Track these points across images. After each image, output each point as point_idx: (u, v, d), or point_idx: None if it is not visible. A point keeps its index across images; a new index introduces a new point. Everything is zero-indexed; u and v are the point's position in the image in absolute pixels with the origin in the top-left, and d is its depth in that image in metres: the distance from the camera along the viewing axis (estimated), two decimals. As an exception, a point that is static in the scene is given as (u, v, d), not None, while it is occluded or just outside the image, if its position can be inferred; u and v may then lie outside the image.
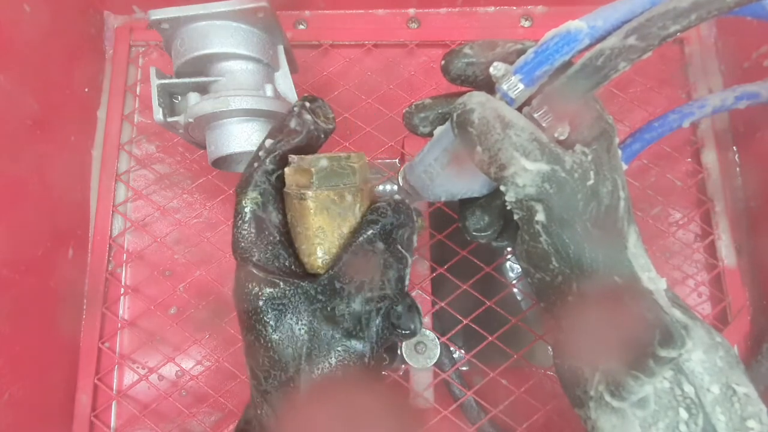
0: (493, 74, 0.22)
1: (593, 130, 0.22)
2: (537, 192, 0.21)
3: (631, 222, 0.22)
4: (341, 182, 0.23)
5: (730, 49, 0.44)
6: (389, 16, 0.47)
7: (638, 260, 0.22)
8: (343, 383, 0.21)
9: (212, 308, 0.40)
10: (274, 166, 0.23)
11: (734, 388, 0.20)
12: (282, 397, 0.21)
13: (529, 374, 0.37)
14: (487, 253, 0.38)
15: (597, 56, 0.19)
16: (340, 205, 0.22)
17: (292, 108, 0.24)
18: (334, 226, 0.23)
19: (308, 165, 0.22)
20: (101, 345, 0.40)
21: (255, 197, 0.22)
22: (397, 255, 0.23)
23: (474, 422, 0.37)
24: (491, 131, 0.21)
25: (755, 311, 0.40)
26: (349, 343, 0.21)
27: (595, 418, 0.21)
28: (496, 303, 0.37)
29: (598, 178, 0.21)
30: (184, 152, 0.44)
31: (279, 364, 0.21)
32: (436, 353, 0.36)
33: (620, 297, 0.21)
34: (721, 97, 0.36)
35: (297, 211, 0.23)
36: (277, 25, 0.36)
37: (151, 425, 0.39)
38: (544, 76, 0.21)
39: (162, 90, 0.35)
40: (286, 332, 0.21)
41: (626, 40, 0.19)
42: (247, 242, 0.22)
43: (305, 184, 0.22)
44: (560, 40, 0.20)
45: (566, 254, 0.22)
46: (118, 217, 0.43)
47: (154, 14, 0.34)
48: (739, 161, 0.43)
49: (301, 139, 0.23)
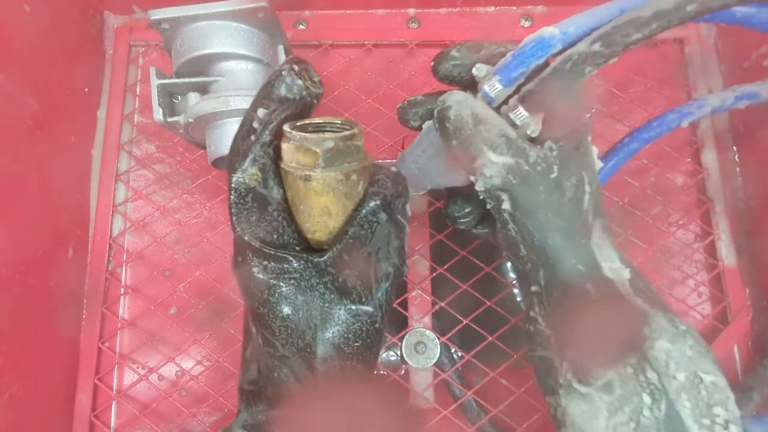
0: (476, 75, 0.24)
1: (564, 128, 0.24)
2: (502, 183, 0.22)
3: (598, 215, 0.24)
4: (346, 161, 0.22)
5: (730, 49, 0.44)
6: (389, 16, 0.47)
7: (602, 251, 0.23)
8: (356, 349, 0.23)
9: (212, 308, 0.40)
10: (271, 138, 0.22)
11: (701, 377, 0.20)
12: (301, 362, 0.22)
13: (529, 374, 0.37)
14: (487, 253, 0.38)
15: (566, 61, 0.21)
16: (345, 185, 0.22)
17: (280, 72, 0.23)
18: (340, 206, 0.22)
19: (313, 145, 0.21)
20: (101, 345, 0.40)
21: (254, 173, 0.22)
22: (399, 224, 0.24)
23: (474, 422, 0.37)
24: (464, 127, 0.22)
25: (755, 311, 0.40)
26: (360, 309, 0.23)
27: (565, 405, 0.22)
28: (495, 303, 0.37)
29: (562, 172, 0.23)
30: (184, 152, 0.44)
31: (296, 333, 0.22)
32: (436, 353, 0.36)
33: (583, 285, 0.22)
34: (720, 97, 0.36)
35: (300, 190, 0.22)
36: (277, 25, 0.36)
37: (151, 425, 0.39)
38: (520, 77, 0.23)
39: (162, 90, 0.35)
40: (300, 304, 0.22)
41: (592, 46, 0.21)
42: (251, 220, 0.22)
43: (310, 165, 0.22)
44: (535, 45, 0.22)
45: (531, 242, 0.23)
46: (118, 217, 0.43)
47: (154, 14, 0.34)
48: (739, 161, 0.43)
49: (294, 108, 0.23)
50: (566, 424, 0.22)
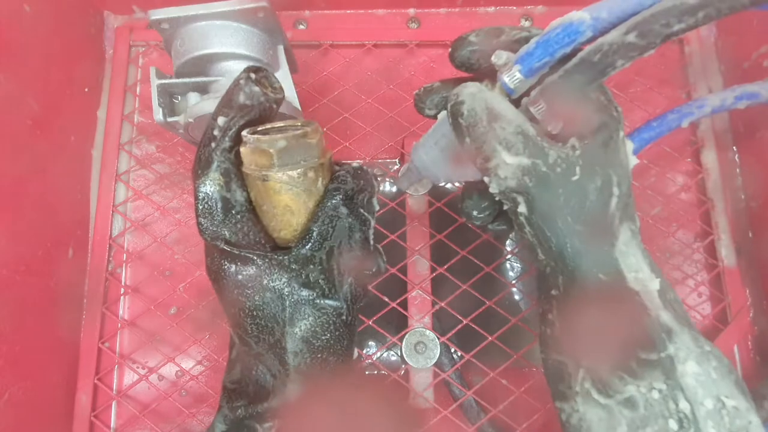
0: (495, 63, 0.22)
1: (591, 124, 0.22)
2: (517, 185, 0.21)
3: (626, 219, 0.22)
4: (301, 159, 0.23)
5: (730, 49, 0.44)
6: (389, 16, 0.47)
7: (627, 259, 0.22)
8: (325, 342, 0.23)
9: (212, 308, 0.40)
10: (231, 143, 0.23)
11: (723, 401, 0.19)
12: (273, 358, 0.23)
13: (529, 374, 0.37)
14: (487, 253, 0.38)
15: (595, 52, 0.19)
16: (303, 182, 0.23)
17: (238, 81, 0.23)
18: (300, 203, 0.23)
19: (267, 146, 0.22)
20: (101, 345, 0.40)
21: (217, 178, 0.22)
22: (361, 218, 0.24)
23: (474, 422, 0.37)
24: (478, 123, 0.21)
25: (755, 311, 0.40)
26: (326, 302, 0.23)
27: (583, 411, 0.22)
28: (495, 303, 0.37)
29: (586, 173, 0.21)
30: (184, 152, 0.44)
31: (266, 329, 0.23)
32: (436, 353, 0.36)
33: (603, 295, 0.21)
34: (720, 97, 0.36)
35: (261, 191, 0.23)
36: (277, 25, 0.36)
37: (151, 425, 0.39)
38: (543, 67, 0.21)
39: (162, 90, 0.35)
40: (268, 301, 0.22)
41: (627, 36, 0.18)
42: (216, 223, 0.23)
43: (266, 165, 0.22)
44: (562, 31, 0.20)
45: (549, 247, 0.22)
46: (118, 217, 0.43)
47: (154, 14, 0.34)
48: (739, 161, 0.43)
49: (253, 113, 0.23)
50: (581, 430, 0.22)
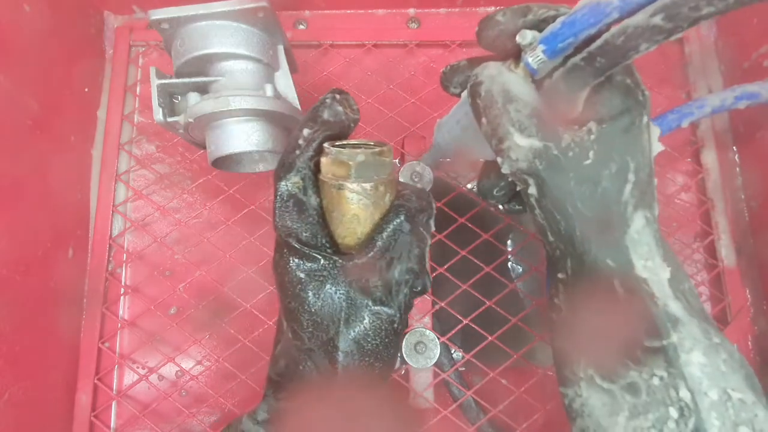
0: (519, 43, 0.22)
1: (611, 108, 0.22)
2: (528, 167, 0.22)
3: (642, 207, 0.22)
4: (375, 174, 0.25)
5: (730, 49, 0.44)
6: (389, 16, 0.47)
7: (639, 247, 0.21)
8: (375, 347, 0.24)
9: (212, 308, 0.40)
10: (312, 153, 0.25)
11: (729, 393, 0.19)
12: (324, 355, 0.24)
13: (529, 374, 0.37)
14: (487, 253, 0.38)
15: (619, 34, 0.18)
16: (373, 195, 0.25)
17: (324, 100, 0.26)
18: (368, 214, 0.25)
19: (347, 158, 0.24)
20: (101, 345, 0.40)
21: (297, 182, 0.25)
22: (420, 235, 0.25)
23: (474, 422, 0.37)
24: (493, 105, 0.22)
25: (755, 311, 0.40)
26: (381, 309, 0.24)
27: (587, 396, 0.22)
28: (500, 303, 0.37)
29: (600, 158, 0.21)
30: (184, 152, 0.44)
31: (321, 327, 0.24)
32: (436, 353, 0.36)
33: (610, 281, 0.21)
34: (720, 97, 0.36)
35: (334, 198, 0.25)
36: (277, 25, 0.36)
37: (151, 425, 0.39)
38: (568, 48, 0.20)
39: (162, 90, 0.35)
40: (327, 300, 0.24)
41: (652, 18, 0.17)
42: (290, 222, 0.24)
43: (343, 176, 0.24)
44: (589, 11, 0.19)
45: (558, 230, 0.22)
46: (118, 217, 0.43)
47: (154, 14, 0.34)
48: (739, 161, 0.43)
49: (335, 129, 0.25)
50: (583, 415, 0.22)
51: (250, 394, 0.38)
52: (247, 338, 0.38)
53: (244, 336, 0.38)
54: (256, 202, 0.41)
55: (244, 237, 0.40)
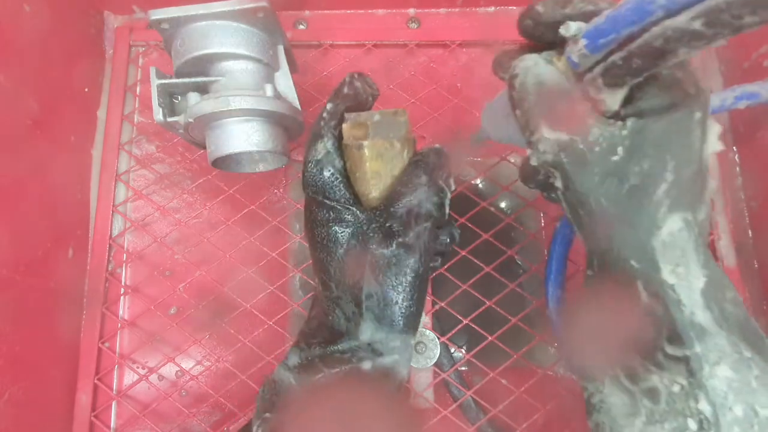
0: (562, 33, 0.21)
1: (654, 103, 0.21)
2: (553, 160, 0.22)
3: (680, 209, 0.20)
4: (391, 133, 0.27)
5: (730, 49, 0.44)
6: (389, 16, 0.47)
7: (671, 250, 0.20)
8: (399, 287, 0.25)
9: (212, 308, 0.40)
10: (336, 122, 0.28)
11: (757, 410, 0.19)
12: (350, 299, 0.26)
13: (529, 374, 0.37)
14: (487, 253, 0.38)
15: (658, 36, 0.17)
16: (391, 151, 0.27)
17: (344, 80, 0.29)
18: (387, 170, 0.27)
19: (364, 120, 0.27)
20: (101, 345, 0.40)
21: (323, 147, 0.27)
22: (438, 186, 0.26)
23: (473, 422, 0.37)
24: (526, 98, 0.22)
25: (755, 311, 0.40)
26: (401, 253, 0.25)
27: (608, 393, 0.22)
28: (504, 302, 0.37)
29: (631, 155, 0.20)
30: (184, 152, 0.44)
31: (347, 273, 0.26)
32: (436, 353, 0.36)
33: (633, 283, 0.21)
34: (720, 97, 0.36)
35: (356, 158, 0.27)
36: (277, 25, 0.36)
37: (151, 425, 0.39)
38: (610, 44, 0.20)
39: (162, 90, 0.35)
40: (352, 248, 0.26)
41: (693, 23, 0.16)
42: (319, 181, 0.27)
43: (362, 136, 0.27)
44: (633, 8, 0.18)
45: (581, 225, 0.23)
46: (118, 217, 0.43)
47: (154, 14, 0.34)
48: (739, 161, 0.43)
49: (354, 100, 0.28)
50: (601, 410, 0.22)
51: (250, 394, 0.38)
52: (247, 338, 0.38)
53: (244, 336, 0.38)
54: (256, 202, 0.41)
55: (244, 237, 0.40)
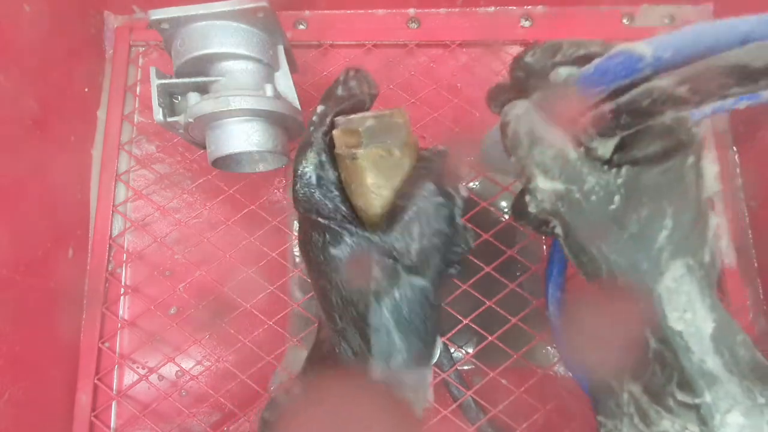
0: (553, 81, 0.22)
1: (647, 151, 0.21)
2: (551, 209, 0.22)
3: (682, 254, 0.20)
4: (388, 138, 0.24)
5: (730, 49, 0.44)
6: (389, 16, 0.47)
7: (674, 296, 0.20)
8: (409, 318, 0.23)
9: (212, 308, 0.40)
10: (326, 128, 0.25)
11: None
12: (355, 331, 0.23)
13: (529, 374, 0.37)
14: (487, 253, 0.38)
15: (645, 95, 0.18)
16: (389, 160, 0.24)
17: (338, 78, 0.25)
18: (387, 182, 0.24)
19: (355, 126, 0.23)
20: (101, 345, 0.40)
21: (313, 157, 0.24)
22: (448, 195, 0.24)
23: (473, 422, 0.37)
24: (520, 146, 0.22)
25: (755, 311, 0.40)
26: (411, 279, 0.23)
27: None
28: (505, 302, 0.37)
29: (628, 203, 0.20)
30: (184, 152, 0.44)
31: (351, 302, 0.23)
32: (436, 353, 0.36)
33: (642, 329, 0.21)
34: (721, 97, 0.36)
35: (350, 170, 0.24)
36: (277, 25, 0.36)
37: (151, 425, 0.39)
38: (599, 94, 0.20)
39: (162, 90, 0.35)
40: (354, 274, 0.23)
41: (678, 87, 0.16)
42: (312, 198, 0.24)
43: (354, 144, 0.24)
44: (622, 62, 0.19)
45: (585, 271, 0.22)
46: (118, 217, 0.43)
47: (154, 14, 0.34)
48: (739, 161, 0.43)
49: (348, 103, 0.25)
50: None
51: (250, 394, 0.38)
52: (247, 338, 0.38)
53: (244, 336, 0.38)
54: (256, 202, 0.41)
55: (244, 237, 0.40)
